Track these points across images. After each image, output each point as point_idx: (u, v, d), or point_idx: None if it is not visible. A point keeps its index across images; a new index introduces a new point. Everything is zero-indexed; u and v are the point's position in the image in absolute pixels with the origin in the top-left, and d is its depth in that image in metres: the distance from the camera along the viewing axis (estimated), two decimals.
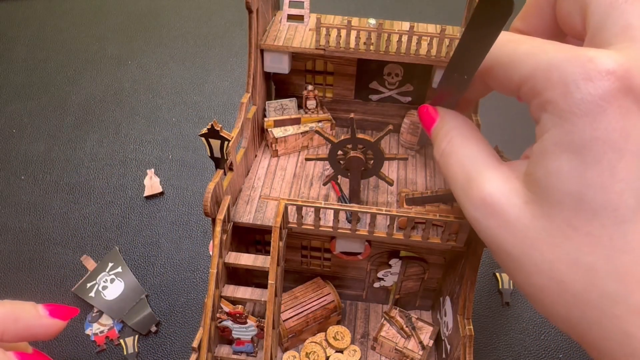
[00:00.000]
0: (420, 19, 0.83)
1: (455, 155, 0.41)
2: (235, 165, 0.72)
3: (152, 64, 1.48)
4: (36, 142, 1.24)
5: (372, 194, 0.79)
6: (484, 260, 1.00)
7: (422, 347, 0.79)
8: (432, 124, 0.46)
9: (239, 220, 0.72)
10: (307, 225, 0.71)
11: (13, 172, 1.16)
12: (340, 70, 0.85)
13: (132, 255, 1.00)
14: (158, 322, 0.90)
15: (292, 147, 0.85)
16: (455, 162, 0.40)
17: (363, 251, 0.77)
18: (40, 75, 1.43)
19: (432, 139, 0.46)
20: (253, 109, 0.81)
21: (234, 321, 0.68)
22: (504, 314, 0.94)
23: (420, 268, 0.81)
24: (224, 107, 1.35)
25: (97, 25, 1.64)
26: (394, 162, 0.84)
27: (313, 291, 0.84)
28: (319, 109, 0.87)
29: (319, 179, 0.81)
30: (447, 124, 0.44)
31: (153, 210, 1.09)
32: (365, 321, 0.87)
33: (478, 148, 0.40)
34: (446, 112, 0.45)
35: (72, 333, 0.88)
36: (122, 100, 1.36)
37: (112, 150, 1.22)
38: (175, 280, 0.97)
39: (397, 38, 0.74)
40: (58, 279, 0.96)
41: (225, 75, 1.45)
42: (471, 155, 0.40)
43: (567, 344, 0.89)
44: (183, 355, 0.86)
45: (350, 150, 0.71)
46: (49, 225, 1.05)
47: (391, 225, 0.68)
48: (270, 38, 0.79)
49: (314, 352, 0.81)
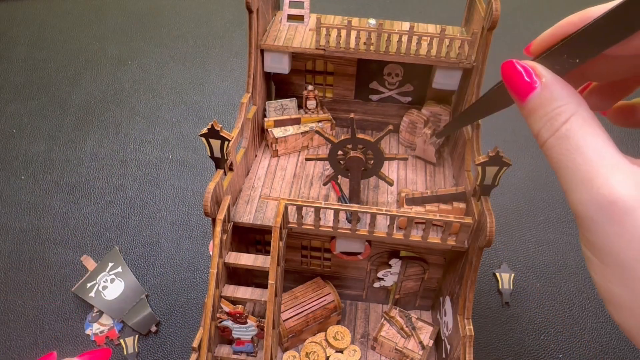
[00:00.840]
0: (420, 19, 0.83)
1: (575, 140, 0.34)
2: (235, 165, 0.73)
3: (152, 64, 1.48)
4: (36, 142, 1.24)
5: (372, 194, 0.79)
6: (484, 260, 1.00)
7: (422, 347, 0.79)
8: (530, 91, 0.36)
9: (239, 220, 0.72)
10: (307, 225, 0.71)
11: (13, 172, 1.16)
12: (340, 70, 0.85)
13: (132, 255, 1.00)
14: (158, 322, 0.90)
15: (292, 147, 0.85)
16: (575, 149, 0.34)
17: (363, 251, 0.77)
18: (40, 75, 1.43)
19: (530, 111, 0.36)
20: (253, 109, 0.81)
21: (234, 321, 0.68)
22: (504, 314, 0.94)
23: (420, 268, 0.81)
24: (224, 107, 1.35)
25: (97, 25, 1.64)
26: (394, 162, 0.84)
27: (313, 291, 0.84)
28: (319, 109, 0.87)
29: (319, 179, 0.81)
30: (560, 98, 0.35)
31: (153, 210, 1.09)
32: (365, 321, 0.87)
33: (603, 138, 0.33)
34: (555, 80, 0.35)
35: (72, 333, 0.88)
36: (122, 100, 1.36)
37: (112, 150, 1.22)
38: (175, 280, 0.97)
39: (397, 38, 0.74)
40: (58, 279, 0.96)
41: (225, 75, 1.45)
42: (597, 145, 0.33)
43: (567, 344, 0.89)
44: (183, 355, 0.86)
45: (350, 150, 0.71)
46: (49, 225, 1.05)
47: (391, 225, 0.68)
48: (270, 38, 0.79)
49: (314, 352, 0.81)
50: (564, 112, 0.35)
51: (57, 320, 0.90)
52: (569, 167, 0.34)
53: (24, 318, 0.90)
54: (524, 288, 0.98)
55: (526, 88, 0.36)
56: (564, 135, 0.34)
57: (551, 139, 0.35)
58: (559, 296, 0.97)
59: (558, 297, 0.96)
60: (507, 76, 0.37)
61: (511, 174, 1.16)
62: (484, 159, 0.62)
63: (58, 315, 0.91)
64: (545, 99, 0.35)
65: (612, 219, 0.32)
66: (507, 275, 0.98)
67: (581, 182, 0.33)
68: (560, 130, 0.35)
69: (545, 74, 0.36)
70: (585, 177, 0.33)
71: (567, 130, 0.34)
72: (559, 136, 0.35)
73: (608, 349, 0.89)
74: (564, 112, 0.35)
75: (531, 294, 0.97)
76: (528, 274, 1.00)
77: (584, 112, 0.34)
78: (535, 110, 0.36)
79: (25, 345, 0.87)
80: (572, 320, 0.93)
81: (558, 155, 0.35)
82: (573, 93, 0.35)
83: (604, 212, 0.32)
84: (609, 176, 0.32)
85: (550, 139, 0.35)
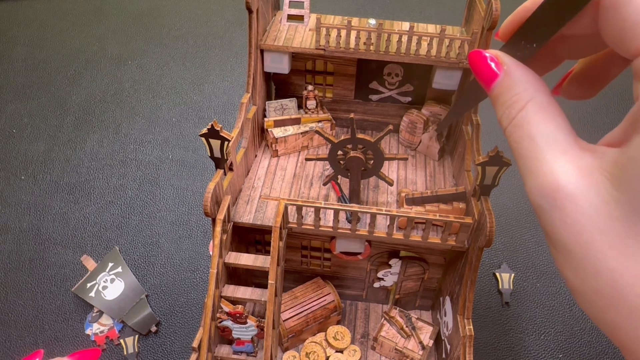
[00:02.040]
0: (420, 19, 0.83)
1: (527, 128, 0.34)
2: (235, 165, 0.73)
3: (152, 64, 1.48)
4: (36, 142, 1.24)
5: (372, 194, 0.79)
6: (484, 260, 1.00)
7: (422, 347, 0.79)
8: (493, 78, 0.36)
9: (239, 220, 0.72)
10: (307, 225, 0.71)
11: (13, 172, 1.16)
12: (340, 70, 0.85)
13: (132, 255, 1.00)
14: (158, 322, 0.90)
15: (292, 147, 0.85)
16: (526, 136, 0.34)
17: (363, 251, 0.77)
18: (40, 75, 1.43)
19: (494, 99, 0.37)
20: (253, 109, 0.81)
21: (234, 321, 0.68)
22: (504, 314, 0.94)
23: (420, 268, 0.81)
24: (224, 107, 1.35)
25: (97, 25, 1.64)
26: (394, 162, 0.84)
27: (313, 291, 0.84)
28: (319, 109, 0.87)
29: (319, 179, 0.81)
30: (518, 85, 0.35)
31: (153, 210, 1.09)
32: (365, 321, 0.87)
33: (556, 124, 0.34)
34: (516, 67, 0.36)
35: (72, 333, 0.88)
36: (122, 100, 1.36)
37: (112, 150, 1.22)
38: (175, 280, 0.97)
39: (397, 38, 0.74)
40: (58, 279, 0.96)
41: (225, 75, 1.45)
42: (547, 132, 0.33)
43: (567, 344, 0.90)
44: (183, 355, 0.86)
45: (350, 150, 0.71)
46: (49, 225, 1.05)
47: (391, 225, 0.68)
48: (270, 38, 0.79)
49: (314, 352, 0.81)
50: (521, 99, 0.35)
51: (57, 320, 0.90)
52: (522, 155, 0.34)
53: (24, 318, 0.90)
54: (524, 288, 0.98)
55: (490, 76, 0.36)
56: (519, 123, 0.35)
57: (509, 127, 0.36)
58: (559, 296, 0.97)
59: (558, 297, 0.96)
60: (473, 65, 0.38)
61: (511, 174, 1.16)
62: (484, 159, 0.62)
63: (58, 315, 0.91)
64: (506, 86, 0.36)
65: (556, 205, 0.32)
66: (507, 275, 0.98)
67: (530, 170, 0.34)
68: (516, 118, 0.35)
69: (506, 61, 0.36)
70: (534, 165, 0.33)
71: (522, 117, 0.34)
72: (515, 124, 0.35)
73: (608, 349, 0.89)
74: (521, 99, 0.35)
75: (531, 294, 0.97)
76: (528, 274, 1.00)
77: (541, 97, 0.35)
78: (498, 97, 0.37)
79: (25, 345, 0.87)
80: (572, 320, 0.93)
81: (514, 144, 0.35)
82: (533, 79, 0.36)
83: (549, 199, 0.33)
84: (553, 163, 0.33)
85: (508, 127, 0.36)
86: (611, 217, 0.31)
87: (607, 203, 0.31)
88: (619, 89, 1.39)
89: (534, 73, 0.36)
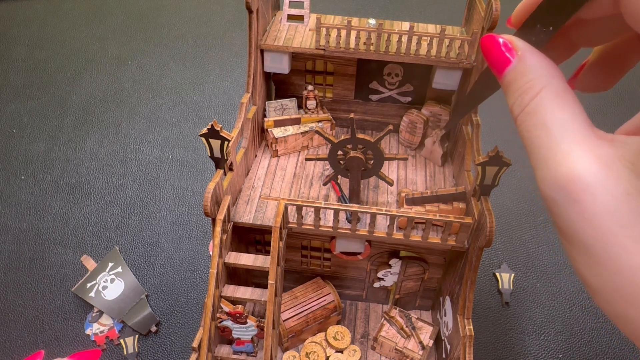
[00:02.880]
0: (420, 19, 0.83)
1: (541, 115, 0.32)
2: (235, 165, 0.73)
3: (152, 64, 1.48)
4: (36, 142, 1.24)
5: (372, 194, 0.79)
6: (484, 260, 1.00)
7: (422, 347, 0.79)
8: (506, 64, 0.34)
9: (239, 220, 0.72)
10: (307, 225, 0.71)
11: (13, 172, 1.16)
12: (340, 70, 0.85)
13: (132, 255, 1.00)
14: (158, 322, 0.90)
15: (292, 147, 0.85)
16: (540, 124, 0.32)
17: (363, 251, 0.77)
18: (40, 75, 1.43)
19: (506, 86, 0.35)
20: (253, 109, 0.81)
21: (234, 321, 0.68)
22: (504, 314, 0.94)
23: (420, 268, 0.81)
24: (224, 107, 1.35)
25: (97, 25, 1.64)
26: (394, 162, 0.84)
27: (313, 291, 0.84)
28: (319, 109, 0.87)
29: (319, 179, 0.81)
30: (532, 71, 0.33)
31: (153, 210, 1.09)
32: (365, 321, 0.87)
33: (572, 111, 0.32)
34: (531, 52, 0.34)
35: (72, 333, 0.88)
36: (122, 100, 1.36)
37: (112, 150, 1.22)
38: (175, 280, 0.97)
39: (397, 38, 0.74)
40: (58, 279, 0.96)
41: (225, 75, 1.45)
42: (563, 120, 0.32)
43: (567, 344, 0.89)
44: (183, 355, 0.86)
45: (350, 150, 0.71)
46: (49, 225, 1.05)
47: (391, 225, 0.68)
48: (270, 38, 0.79)
49: (314, 352, 0.81)
50: (535, 85, 0.33)
51: (57, 320, 0.90)
52: (534, 144, 0.33)
53: (24, 318, 0.90)
54: (524, 288, 0.98)
55: (503, 61, 0.35)
56: (532, 111, 0.33)
57: (521, 115, 0.34)
58: (559, 296, 0.97)
59: (558, 297, 0.96)
60: (485, 50, 0.36)
61: (511, 174, 1.16)
62: (484, 159, 0.62)
63: (58, 315, 0.91)
64: (520, 72, 0.34)
65: (572, 198, 0.30)
66: (507, 275, 0.98)
67: (543, 160, 0.32)
68: (529, 105, 0.33)
69: (521, 46, 0.34)
70: (547, 155, 0.32)
71: (535, 104, 0.33)
72: (527, 111, 0.33)
73: (608, 349, 0.89)
74: (535, 86, 0.33)
75: (531, 294, 0.97)
76: (528, 274, 1.00)
77: (557, 84, 0.33)
78: (510, 84, 0.35)
79: (25, 345, 0.87)
80: (572, 320, 0.93)
81: (526, 132, 0.33)
82: (548, 65, 0.34)
83: (564, 191, 0.31)
84: (569, 152, 0.31)
85: (520, 115, 0.34)
86: (632, 210, 0.29)
87: (629, 195, 0.29)
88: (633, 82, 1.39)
89: (549, 59, 0.34)
